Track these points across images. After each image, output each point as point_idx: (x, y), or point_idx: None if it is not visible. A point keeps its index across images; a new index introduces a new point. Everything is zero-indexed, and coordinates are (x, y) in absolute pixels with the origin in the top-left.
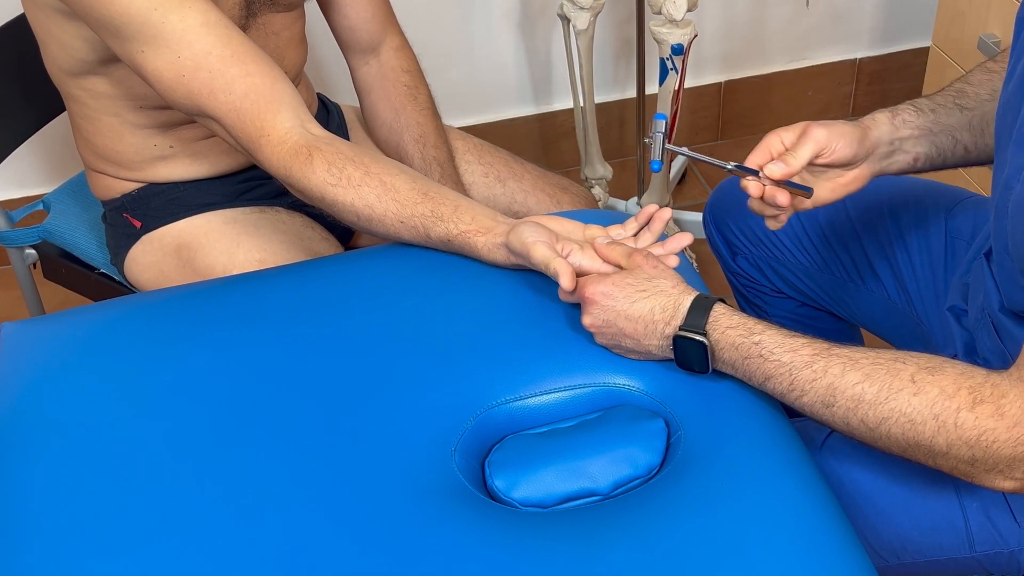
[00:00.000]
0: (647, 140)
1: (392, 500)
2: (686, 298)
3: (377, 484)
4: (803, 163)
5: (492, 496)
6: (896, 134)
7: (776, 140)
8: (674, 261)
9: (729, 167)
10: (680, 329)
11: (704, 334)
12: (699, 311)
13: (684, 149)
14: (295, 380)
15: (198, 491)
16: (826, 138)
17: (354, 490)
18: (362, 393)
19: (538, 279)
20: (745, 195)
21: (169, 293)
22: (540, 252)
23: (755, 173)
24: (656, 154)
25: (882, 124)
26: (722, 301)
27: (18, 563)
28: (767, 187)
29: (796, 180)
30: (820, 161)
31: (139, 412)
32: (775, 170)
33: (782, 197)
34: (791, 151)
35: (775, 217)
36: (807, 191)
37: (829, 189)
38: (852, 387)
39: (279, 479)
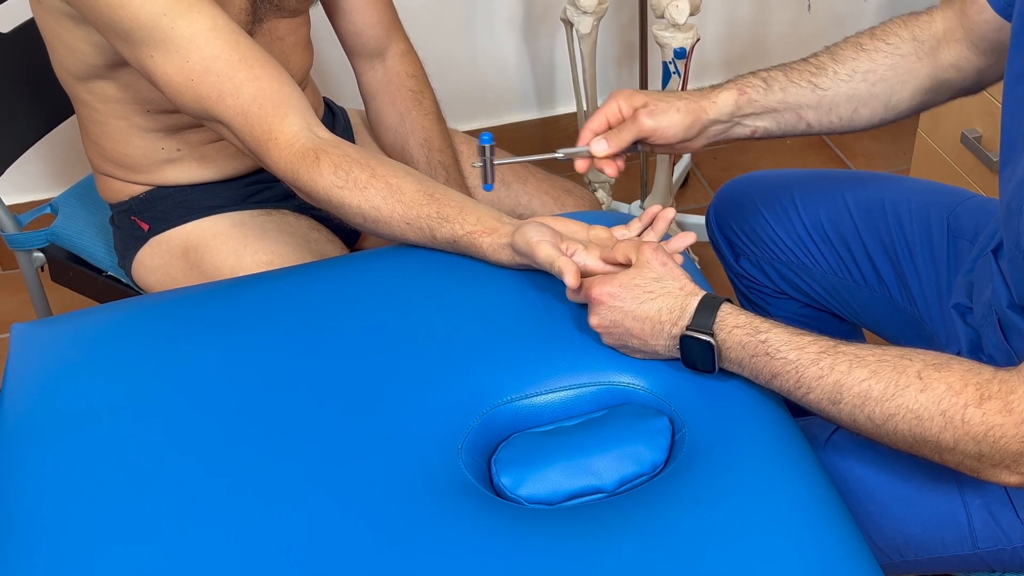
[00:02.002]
0: (474, 165)
1: (399, 498)
2: (693, 299)
3: (385, 482)
4: (625, 145)
5: (498, 493)
6: (738, 113)
7: (614, 107)
8: (678, 259)
9: (560, 155)
10: (687, 329)
11: (711, 334)
12: (706, 311)
13: (513, 158)
14: (302, 380)
15: (206, 490)
16: (651, 128)
17: (362, 488)
18: (369, 393)
19: (543, 279)
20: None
21: (176, 295)
22: (545, 251)
23: (585, 153)
24: (487, 178)
25: (723, 105)
26: (728, 301)
27: (28, 562)
28: (596, 160)
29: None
30: (649, 141)
31: (147, 413)
32: (599, 150)
33: (609, 169)
34: (617, 131)
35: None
36: (637, 151)
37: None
38: (859, 384)
39: (287, 479)
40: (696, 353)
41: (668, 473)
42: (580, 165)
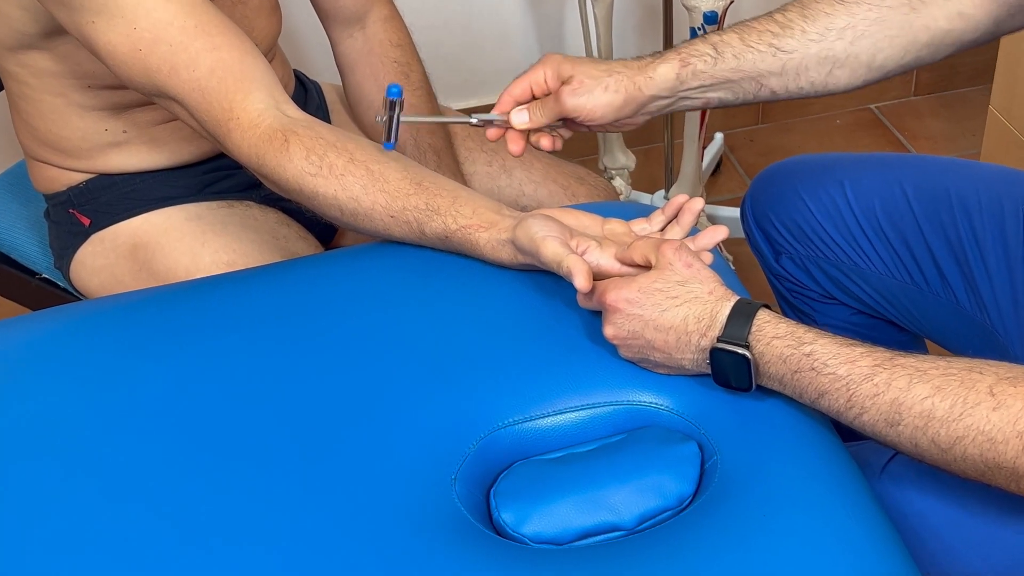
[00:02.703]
0: (377, 120)
1: (385, 536)
2: (724, 304)
3: (367, 518)
4: (547, 122)
5: (499, 531)
6: (680, 87)
7: (540, 75)
8: (707, 258)
9: (474, 120)
10: (718, 341)
11: (747, 346)
12: (740, 319)
13: (423, 116)
14: (269, 401)
15: (158, 528)
16: (574, 108)
17: (340, 525)
18: (348, 414)
19: (550, 281)
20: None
21: (123, 300)
22: (551, 248)
23: (503, 123)
24: (390, 135)
25: (662, 80)
26: (766, 307)
27: None
28: (508, 132)
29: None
30: (576, 121)
31: (85, 442)
32: (518, 122)
33: (515, 146)
34: (540, 104)
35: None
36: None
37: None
38: (920, 402)
39: (251, 517)
40: (729, 368)
41: (697, 507)
42: (491, 133)
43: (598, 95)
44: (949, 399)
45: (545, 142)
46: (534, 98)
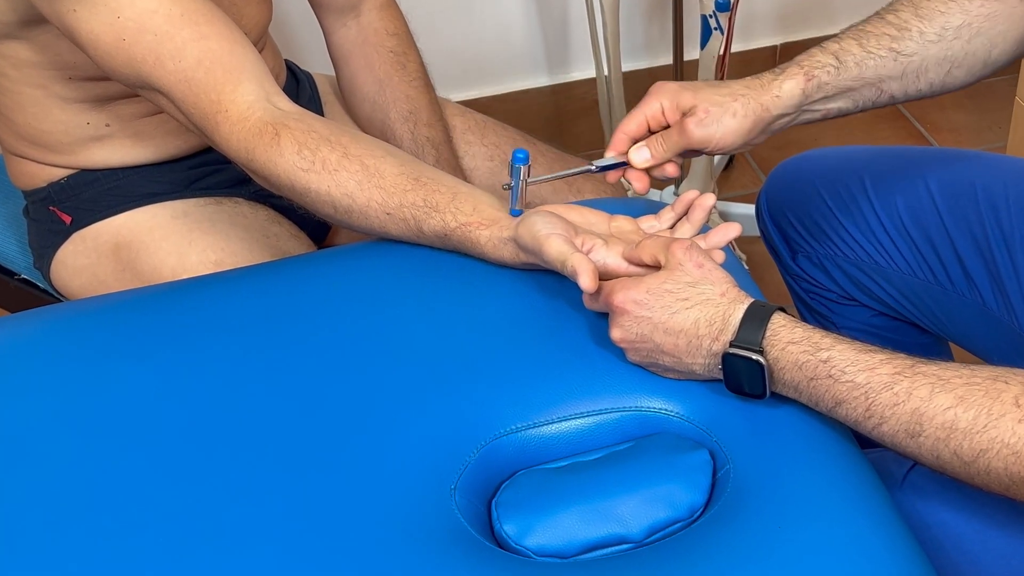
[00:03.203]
0: (505, 187)
1: (381, 549)
2: (738, 307)
3: (363, 530)
4: (671, 156)
5: (500, 544)
6: (806, 102)
7: (656, 107)
8: (719, 257)
9: (595, 168)
10: (731, 346)
11: (761, 351)
12: (754, 323)
13: (546, 176)
14: (260, 407)
15: (142, 545)
16: (703, 139)
17: (335, 537)
18: (342, 421)
19: (554, 281)
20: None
21: (106, 302)
22: (555, 247)
23: (623, 165)
24: (517, 203)
25: (789, 99)
26: (782, 310)
27: None
28: (629, 171)
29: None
30: (700, 150)
31: (66, 450)
32: (639, 160)
33: (639, 184)
34: (662, 139)
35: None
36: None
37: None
38: (943, 413)
39: (243, 527)
40: (742, 374)
41: (709, 519)
42: (612, 177)
43: (727, 123)
44: (973, 410)
45: (670, 169)
46: (650, 131)
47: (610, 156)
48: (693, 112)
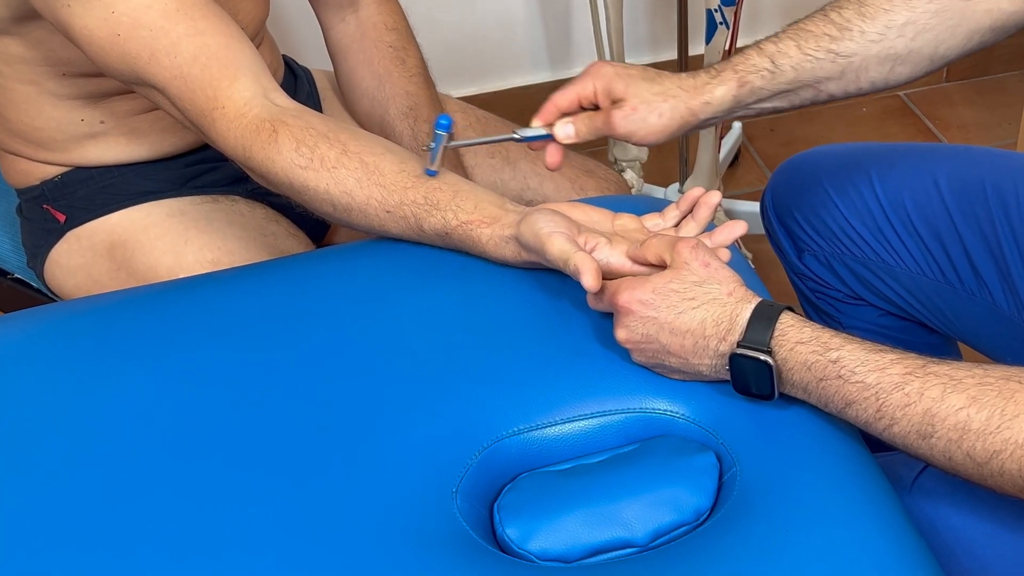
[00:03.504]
0: (425, 148)
1: (381, 552)
2: (745, 307)
3: (362, 533)
4: (592, 138)
5: (503, 548)
6: (738, 106)
7: (589, 87)
8: (725, 255)
9: (518, 136)
10: (738, 346)
11: (769, 352)
12: (762, 323)
13: (467, 141)
14: (258, 408)
15: (141, 552)
16: (625, 134)
17: (334, 540)
18: (341, 423)
19: (557, 281)
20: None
21: (101, 302)
22: (558, 245)
23: (547, 137)
24: (434, 163)
25: (719, 105)
26: (790, 309)
27: None
28: (551, 145)
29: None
30: (623, 141)
31: (60, 453)
32: (563, 135)
33: (552, 159)
34: (588, 119)
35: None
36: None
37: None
38: (955, 413)
39: (241, 531)
40: (750, 375)
41: (715, 522)
42: (536, 146)
43: (652, 122)
44: (986, 410)
45: (553, 157)
46: (581, 108)
47: (536, 125)
48: (621, 105)
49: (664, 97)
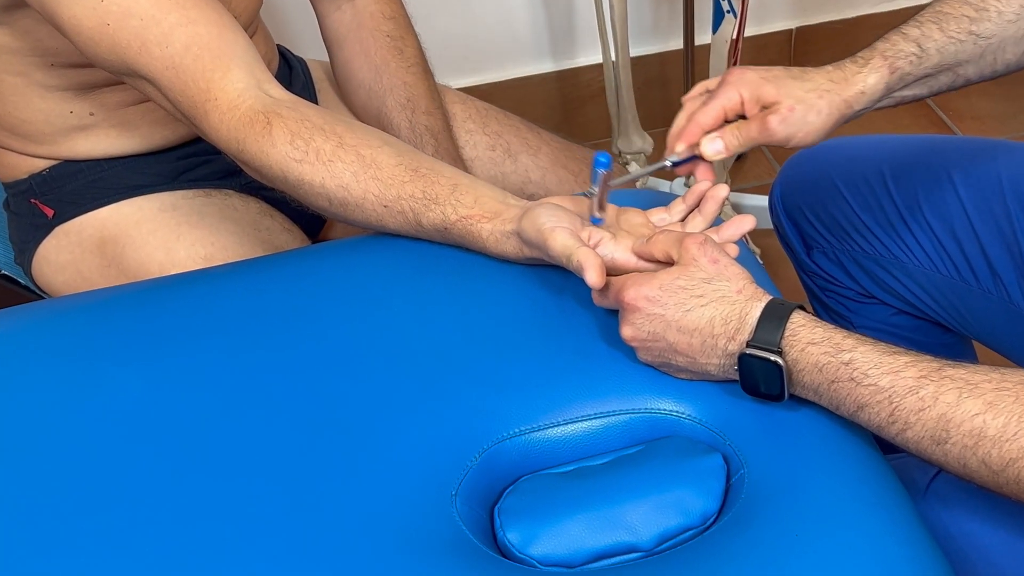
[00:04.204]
0: (586, 194)
1: (378, 557)
2: (755, 305)
3: (359, 537)
4: (742, 151)
5: (503, 553)
6: (888, 91)
7: (734, 96)
8: (733, 251)
9: (668, 164)
10: (748, 346)
11: (779, 352)
12: (772, 322)
13: (625, 177)
14: (252, 407)
15: (133, 555)
16: (784, 138)
17: (330, 545)
18: (337, 424)
19: (560, 277)
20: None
21: (90, 299)
22: (560, 240)
23: (693, 159)
24: (598, 208)
25: (873, 93)
26: (801, 308)
27: None
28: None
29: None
30: (778, 146)
31: (48, 454)
32: (711, 151)
33: (705, 180)
34: (737, 130)
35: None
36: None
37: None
38: (970, 419)
39: (234, 534)
40: (759, 375)
41: (722, 526)
42: (682, 171)
43: (811, 121)
44: (1003, 416)
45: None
46: (726, 121)
47: (680, 149)
48: (776, 109)
49: (819, 93)
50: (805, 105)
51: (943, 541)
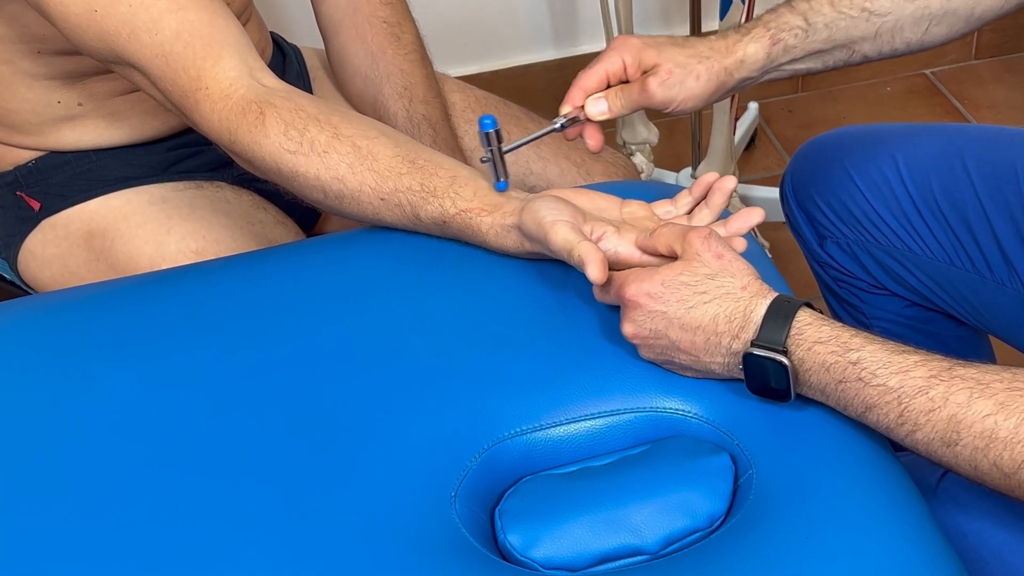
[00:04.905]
0: (482, 160)
1: (376, 560)
2: (760, 302)
3: (356, 539)
4: (628, 112)
5: (504, 555)
6: (771, 65)
7: (617, 61)
8: (741, 244)
9: (558, 125)
10: (752, 344)
11: (785, 351)
12: (778, 320)
13: (519, 141)
14: (244, 406)
15: (126, 560)
16: (664, 100)
17: (326, 547)
18: (334, 422)
19: (562, 272)
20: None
21: (78, 294)
22: (562, 234)
23: (579, 122)
24: (500, 174)
25: (753, 63)
26: (808, 305)
27: None
28: (586, 127)
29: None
30: (657, 109)
31: (33, 453)
32: (595, 111)
33: (592, 142)
34: (620, 93)
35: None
36: None
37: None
38: (981, 420)
39: (231, 536)
40: (765, 375)
41: (730, 528)
42: (571, 133)
43: (689, 85)
44: (1015, 417)
45: (593, 141)
46: (608, 86)
47: (565, 110)
48: (656, 72)
49: (698, 59)
50: (684, 70)
51: (955, 540)
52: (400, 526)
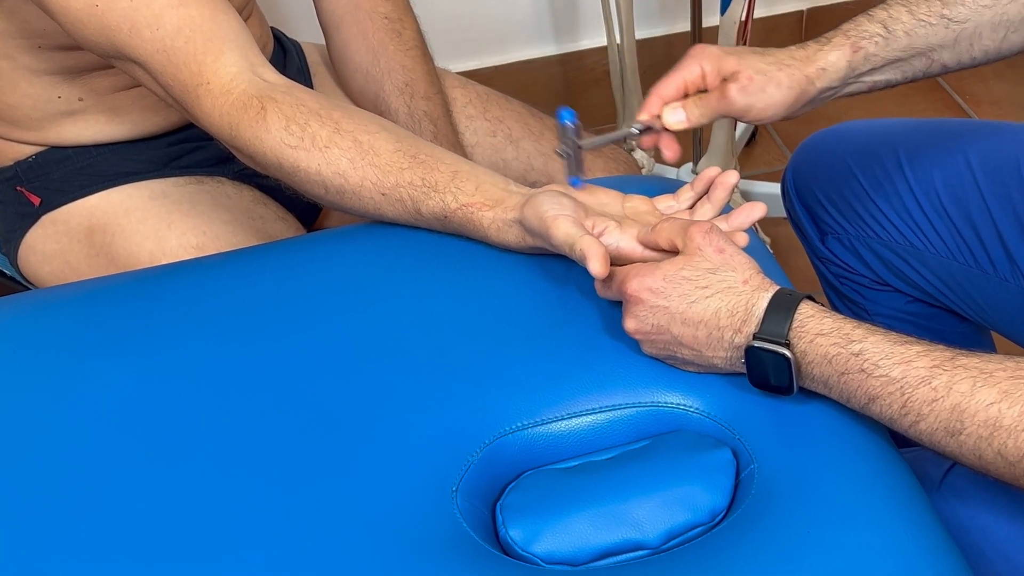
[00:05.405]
0: (558, 152)
1: (377, 555)
2: (762, 296)
3: (357, 535)
4: (707, 121)
5: (506, 550)
6: (852, 74)
7: (696, 70)
8: (742, 239)
9: (635, 131)
10: (755, 338)
11: (787, 344)
12: (780, 313)
13: (599, 139)
14: (247, 402)
15: (126, 554)
16: (744, 108)
17: (327, 543)
18: (334, 418)
19: (563, 267)
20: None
21: (78, 290)
22: (563, 229)
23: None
24: (575, 169)
25: (834, 72)
26: (810, 298)
27: None
28: (663, 136)
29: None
30: (737, 118)
31: (33, 449)
32: (673, 121)
33: (669, 153)
34: (699, 102)
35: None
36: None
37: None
38: (985, 409)
39: (229, 532)
40: (767, 368)
41: (732, 523)
42: (647, 143)
43: (771, 92)
44: (1018, 405)
45: (669, 152)
46: (686, 96)
47: (642, 118)
48: (736, 78)
49: (779, 66)
50: (765, 76)
51: (958, 535)
52: (401, 521)
